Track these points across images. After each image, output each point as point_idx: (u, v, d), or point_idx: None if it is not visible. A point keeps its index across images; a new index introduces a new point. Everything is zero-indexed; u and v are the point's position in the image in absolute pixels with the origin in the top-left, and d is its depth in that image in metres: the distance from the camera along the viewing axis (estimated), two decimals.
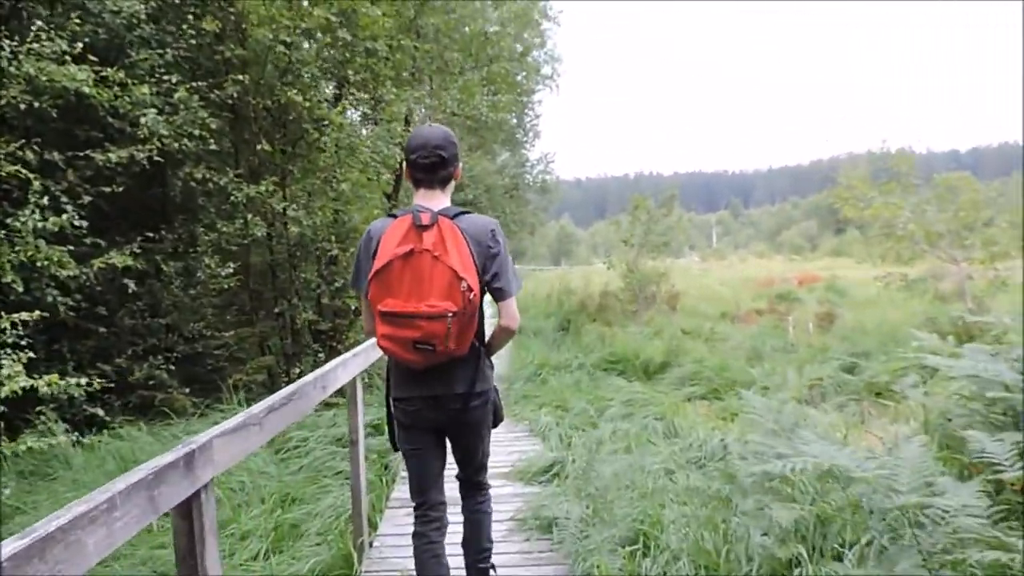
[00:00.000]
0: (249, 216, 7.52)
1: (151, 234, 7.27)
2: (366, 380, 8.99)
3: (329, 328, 8.53)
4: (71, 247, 6.23)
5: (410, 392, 2.70)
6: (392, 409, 2.81)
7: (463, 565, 3.06)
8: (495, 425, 2.88)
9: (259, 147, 7.54)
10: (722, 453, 6.02)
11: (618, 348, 11.16)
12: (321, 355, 8.35)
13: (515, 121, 31.16)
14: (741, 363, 10.15)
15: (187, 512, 1.90)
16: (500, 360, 5.42)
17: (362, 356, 4.34)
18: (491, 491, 3.12)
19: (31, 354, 5.53)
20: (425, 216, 2.50)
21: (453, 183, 2.74)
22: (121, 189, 6.67)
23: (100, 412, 6.70)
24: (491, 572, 3.07)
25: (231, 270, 7.42)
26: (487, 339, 2.80)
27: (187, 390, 7.38)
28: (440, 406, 2.69)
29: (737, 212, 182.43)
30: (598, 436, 6.23)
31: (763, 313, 18.88)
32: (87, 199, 6.46)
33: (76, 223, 6.15)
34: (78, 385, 6.77)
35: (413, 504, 2.91)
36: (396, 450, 2.91)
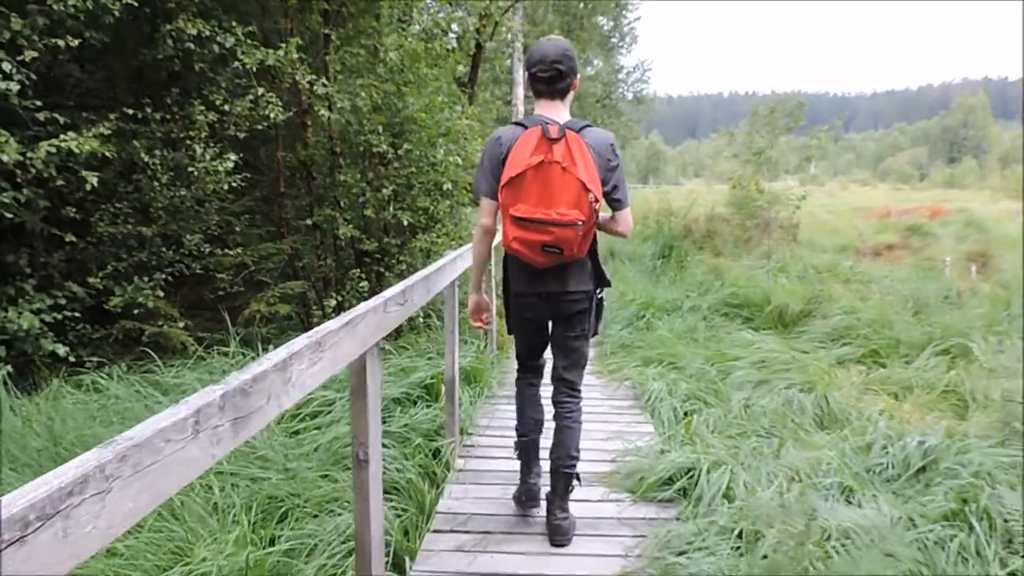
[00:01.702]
0: (261, 91, 5.48)
1: (133, 112, 5.33)
2: (420, 318, 7.09)
3: (376, 249, 6.54)
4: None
5: (527, 288, 3.02)
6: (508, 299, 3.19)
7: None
8: (594, 334, 3.15)
9: None
10: (921, 462, 4.00)
11: (740, 288, 8.94)
12: (364, 284, 6.45)
13: (612, 24, 28.31)
14: (906, 317, 7.78)
15: None
16: None
17: (372, 316, 2.37)
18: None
19: None
20: (554, 129, 2.72)
21: (572, 94, 2.96)
22: (78, 43, 4.72)
23: (61, 350, 5.00)
24: (576, 479, 3.23)
25: (231, 164, 5.39)
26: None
27: (181, 324, 5.56)
28: (551, 300, 3.00)
29: (837, 136, 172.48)
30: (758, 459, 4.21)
31: (894, 248, 16.33)
32: (33, 54, 4.58)
33: (11, 88, 4.30)
34: (35, 312, 5.10)
35: (518, 363, 3.36)
36: (510, 333, 3.34)
